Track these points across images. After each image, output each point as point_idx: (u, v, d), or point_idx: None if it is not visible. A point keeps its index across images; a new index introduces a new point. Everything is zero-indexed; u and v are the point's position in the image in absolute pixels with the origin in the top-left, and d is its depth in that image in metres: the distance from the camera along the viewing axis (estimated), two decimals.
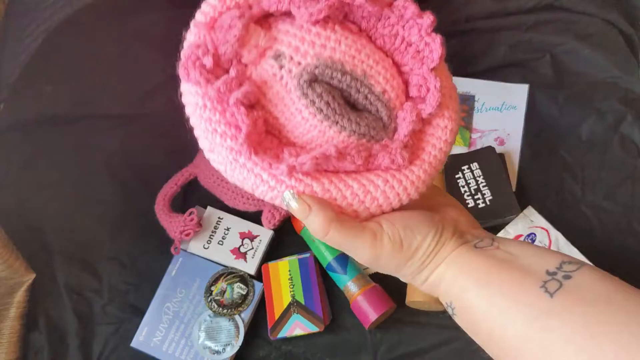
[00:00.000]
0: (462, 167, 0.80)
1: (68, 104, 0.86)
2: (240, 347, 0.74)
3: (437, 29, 0.40)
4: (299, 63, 0.37)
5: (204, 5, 0.39)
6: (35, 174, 0.83)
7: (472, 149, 0.84)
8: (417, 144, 0.40)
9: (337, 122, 0.37)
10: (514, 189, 0.80)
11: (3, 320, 0.74)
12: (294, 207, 0.37)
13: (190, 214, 0.77)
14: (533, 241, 0.75)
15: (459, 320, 0.40)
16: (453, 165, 0.80)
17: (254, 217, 0.80)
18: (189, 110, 0.38)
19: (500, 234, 0.76)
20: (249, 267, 0.78)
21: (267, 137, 0.38)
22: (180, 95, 0.39)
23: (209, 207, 0.81)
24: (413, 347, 0.74)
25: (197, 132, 0.38)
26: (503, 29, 0.89)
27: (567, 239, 0.75)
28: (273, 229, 0.79)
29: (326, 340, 0.76)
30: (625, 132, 0.82)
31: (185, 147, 0.83)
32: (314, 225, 0.38)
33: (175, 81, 0.40)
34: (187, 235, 0.77)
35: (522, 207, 0.77)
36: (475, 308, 0.37)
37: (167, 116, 0.88)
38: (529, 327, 0.34)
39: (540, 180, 0.82)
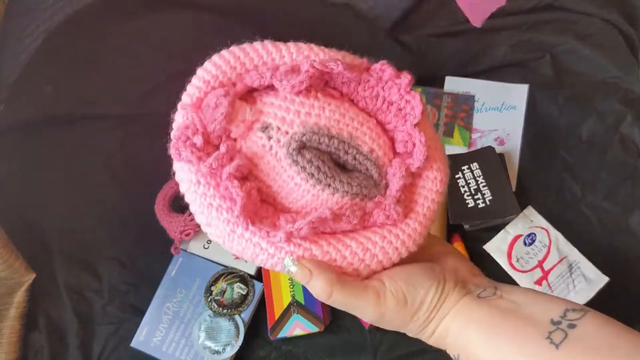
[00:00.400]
0: (462, 167, 0.80)
1: (68, 104, 0.86)
2: (240, 347, 0.74)
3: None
4: (287, 132, 0.39)
5: (189, 88, 0.41)
6: (35, 174, 0.83)
7: (472, 149, 0.84)
8: (410, 197, 0.41)
9: (329, 185, 0.39)
10: (514, 189, 0.80)
11: (3, 320, 0.74)
12: (295, 272, 0.38)
13: (190, 214, 0.77)
14: (533, 241, 0.75)
15: None
16: (453, 165, 0.80)
17: None
18: (183, 188, 0.40)
19: (500, 234, 0.76)
20: (249, 267, 0.78)
21: (262, 206, 0.39)
22: (174, 174, 0.41)
23: None
24: (413, 347, 0.74)
25: (193, 208, 0.40)
26: (503, 29, 0.89)
27: (567, 239, 0.75)
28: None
29: (326, 340, 0.76)
30: (625, 132, 0.82)
31: None
32: (316, 289, 0.38)
33: (175, 81, 0.41)
34: (187, 235, 0.77)
35: (522, 207, 0.77)
36: (481, 359, 0.37)
37: (167, 116, 0.87)
38: None
39: (540, 180, 0.82)
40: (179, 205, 0.82)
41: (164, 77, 0.87)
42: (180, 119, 0.41)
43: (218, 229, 0.39)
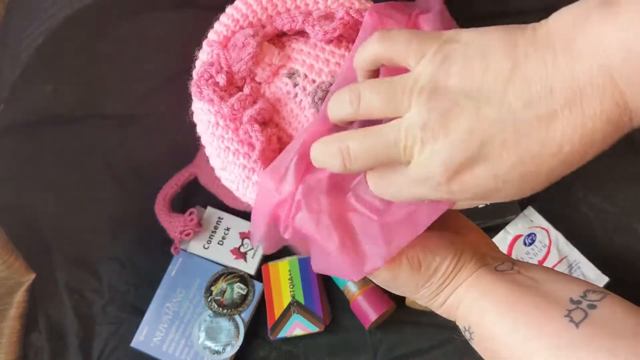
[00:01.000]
0: None
1: (68, 104, 0.86)
2: (240, 347, 0.74)
3: None
4: (313, 81, 0.37)
5: (217, 25, 0.39)
6: (35, 174, 0.83)
7: None
8: None
9: None
10: None
11: (3, 320, 0.74)
12: None
13: (190, 214, 0.77)
14: (533, 241, 0.75)
15: (476, 345, 0.39)
16: None
17: None
18: (200, 129, 0.39)
19: (500, 234, 0.76)
20: (249, 267, 0.78)
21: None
22: (192, 114, 0.39)
23: (209, 207, 0.81)
24: (413, 347, 0.74)
25: (209, 151, 0.38)
26: None
27: (567, 239, 0.75)
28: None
29: (326, 340, 0.76)
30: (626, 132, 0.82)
31: (185, 147, 0.83)
32: None
33: (175, 81, 0.41)
34: (187, 235, 0.76)
35: (522, 207, 0.77)
36: (495, 334, 0.36)
37: (167, 116, 0.88)
38: (553, 357, 0.33)
39: None
40: (179, 205, 0.82)
41: (164, 77, 0.87)
42: (204, 56, 0.39)
43: (233, 173, 0.38)
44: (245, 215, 0.80)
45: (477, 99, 0.27)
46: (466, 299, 0.38)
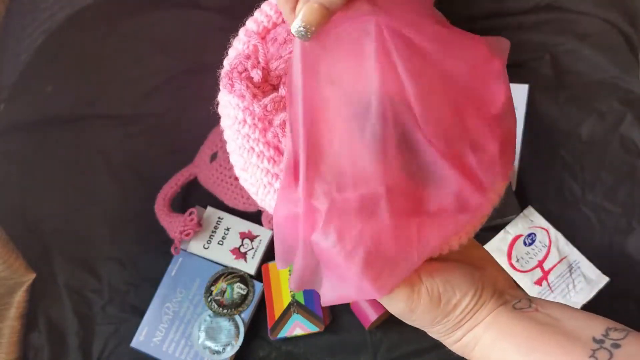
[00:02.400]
0: None
1: (68, 104, 0.86)
2: (240, 347, 0.74)
3: None
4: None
5: (257, 13, 0.36)
6: (35, 174, 0.83)
7: None
8: None
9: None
10: (514, 189, 0.80)
11: (3, 320, 0.74)
12: None
13: (190, 214, 0.77)
14: (533, 241, 0.75)
15: None
16: None
17: (254, 217, 0.80)
18: (225, 123, 0.36)
19: (500, 234, 0.76)
20: (249, 267, 0.78)
21: None
22: (217, 105, 0.36)
23: (209, 207, 0.81)
24: (413, 347, 0.74)
25: (231, 147, 0.36)
26: (503, 29, 0.89)
27: (567, 239, 0.75)
28: (273, 229, 0.79)
29: (326, 340, 0.76)
30: (625, 132, 0.82)
31: (185, 147, 0.84)
32: None
33: (175, 81, 0.40)
34: (187, 235, 0.76)
35: (522, 207, 0.77)
36: None
37: (167, 116, 0.88)
38: None
39: (540, 180, 0.82)
40: (179, 205, 0.82)
41: (164, 77, 0.87)
42: (240, 46, 0.35)
43: (254, 176, 0.35)
44: (245, 215, 0.80)
45: None
46: (484, 339, 0.37)
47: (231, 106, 0.35)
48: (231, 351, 0.74)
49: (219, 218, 0.80)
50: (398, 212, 0.33)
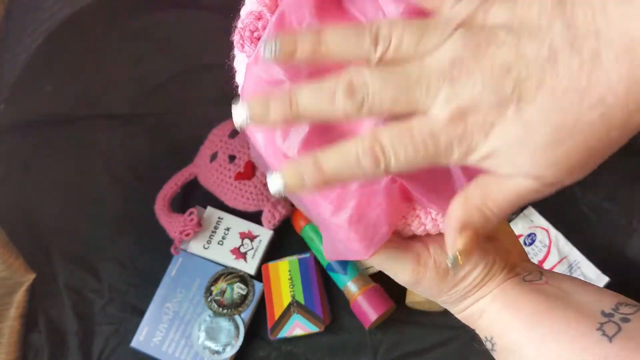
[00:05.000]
0: None
1: (68, 104, 0.86)
2: (240, 347, 0.74)
3: None
4: None
5: None
6: (35, 174, 0.83)
7: None
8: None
9: None
10: None
11: (3, 321, 0.74)
12: None
13: (190, 214, 0.77)
14: (533, 241, 0.75)
15: (499, 357, 0.36)
16: None
17: (254, 217, 0.80)
18: (239, 78, 0.35)
19: None
20: (249, 267, 0.78)
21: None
22: (233, 58, 0.36)
23: (209, 207, 0.81)
24: (413, 347, 0.74)
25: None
26: None
27: (567, 239, 0.75)
28: (273, 229, 0.79)
29: (326, 341, 0.76)
30: None
31: (185, 147, 0.84)
32: None
33: (175, 81, 0.40)
34: (187, 235, 0.76)
35: (522, 207, 0.77)
36: (522, 349, 0.34)
37: (167, 116, 0.88)
38: None
39: None
40: (179, 205, 0.82)
41: (164, 77, 0.87)
42: (250, 4, 0.35)
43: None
44: (245, 215, 0.80)
45: (518, 33, 0.24)
46: (491, 310, 0.36)
47: (244, 63, 0.35)
48: (231, 351, 0.74)
49: (219, 218, 0.80)
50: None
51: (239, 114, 0.28)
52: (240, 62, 0.35)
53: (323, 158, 0.27)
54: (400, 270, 0.35)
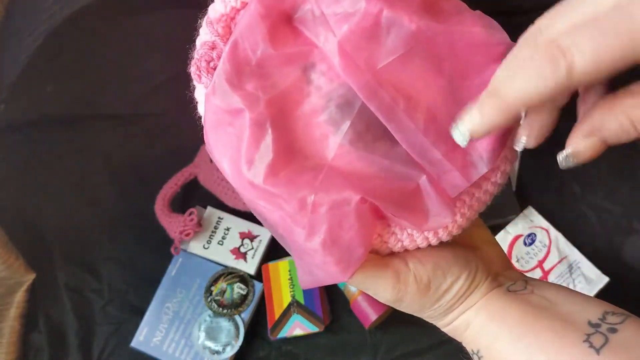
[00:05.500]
0: None
1: (68, 104, 0.86)
2: (240, 347, 0.74)
3: None
4: (332, 80, 0.32)
5: None
6: (35, 174, 0.83)
7: None
8: None
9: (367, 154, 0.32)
10: (514, 189, 0.80)
11: (3, 320, 0.74)
12: None
13: (190, 214, 0.77)
14: (533, 241, 0.75)
15: None
16: None
17: (254, 217, 0.79)
18: (200, 108, 0.36)
19: (500, 234, 0.76)
20: (249, 267, 0.78)
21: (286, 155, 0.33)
22: (193, 89, 0.36)
23: (209, 207, 0.81)
24: (413, 347, 0.74)
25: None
26: (502, 29, 0.89)
27: (567, 239, 0.75)
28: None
29: (326, 341, 0.76)
30: None
31: (185, 147, 0.84)
32: None
33: (175, 81, 0.40)
34: (187, 235, 0.77)
35: (522, 207, 0.77)
36: None
37: (167, 116, 0.88)
38: None
39: (540, 180, 0.82)
40: (179, 205, 0.82)
41: (164, 77, 0.87)
42: (206, 36, 0.35)
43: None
44: (245, 215, 0.80)
45: None
46: (476, 322, 0.36)
47: (203, 94, 0.35)
48: (231, 351, 0.74)
49: (219, 218, 0.80)
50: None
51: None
52: (200, 93, 0.36)
53: (494, 82, 0.27)
54: (380, 289, 0.35)
